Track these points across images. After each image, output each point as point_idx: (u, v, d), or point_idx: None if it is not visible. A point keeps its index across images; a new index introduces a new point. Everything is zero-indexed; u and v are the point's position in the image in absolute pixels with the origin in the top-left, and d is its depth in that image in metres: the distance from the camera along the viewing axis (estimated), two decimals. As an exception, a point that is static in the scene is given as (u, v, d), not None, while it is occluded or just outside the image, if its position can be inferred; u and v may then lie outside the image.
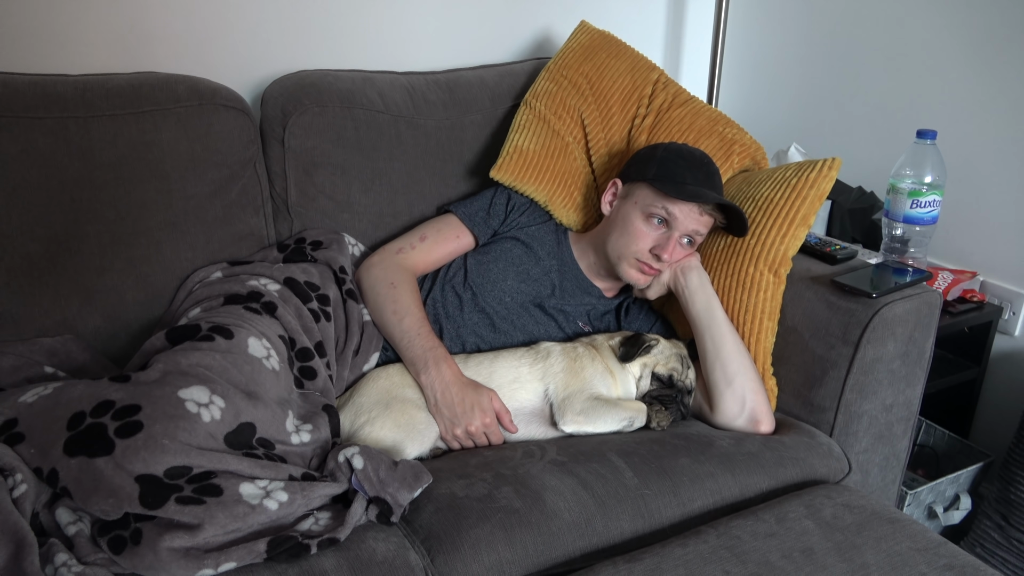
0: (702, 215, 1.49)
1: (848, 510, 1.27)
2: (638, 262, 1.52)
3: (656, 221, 1.50)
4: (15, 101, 1.40)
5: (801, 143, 2.11)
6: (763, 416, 1.47)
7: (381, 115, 1.68)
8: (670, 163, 1.51)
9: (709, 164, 1.54)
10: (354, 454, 1.19)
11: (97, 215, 1.45)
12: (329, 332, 1.46)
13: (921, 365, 1.56)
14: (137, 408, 1.10)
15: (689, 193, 1.46)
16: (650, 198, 1.50)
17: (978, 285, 1.93)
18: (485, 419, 1.38)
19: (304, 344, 1.39)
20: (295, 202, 1.64)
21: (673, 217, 1.48)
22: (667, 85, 1.82)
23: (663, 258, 1.49)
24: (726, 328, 1.49)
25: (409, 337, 1.46)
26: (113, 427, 1.08)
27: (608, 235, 1.57)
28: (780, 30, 2.29)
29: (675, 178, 1.48)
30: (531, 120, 1.75)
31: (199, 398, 1.14)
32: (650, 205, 1.49)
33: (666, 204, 1.48)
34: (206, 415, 1.13)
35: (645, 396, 1.49)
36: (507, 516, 1.21)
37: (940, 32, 1.93)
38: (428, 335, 1.46)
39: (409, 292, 1.52)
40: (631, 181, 1.56)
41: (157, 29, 1.68)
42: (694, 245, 1.54)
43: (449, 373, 1.41)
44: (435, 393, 1.40)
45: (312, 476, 1.19)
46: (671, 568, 1.14)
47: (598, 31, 1.86)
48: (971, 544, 1.81)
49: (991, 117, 1.87)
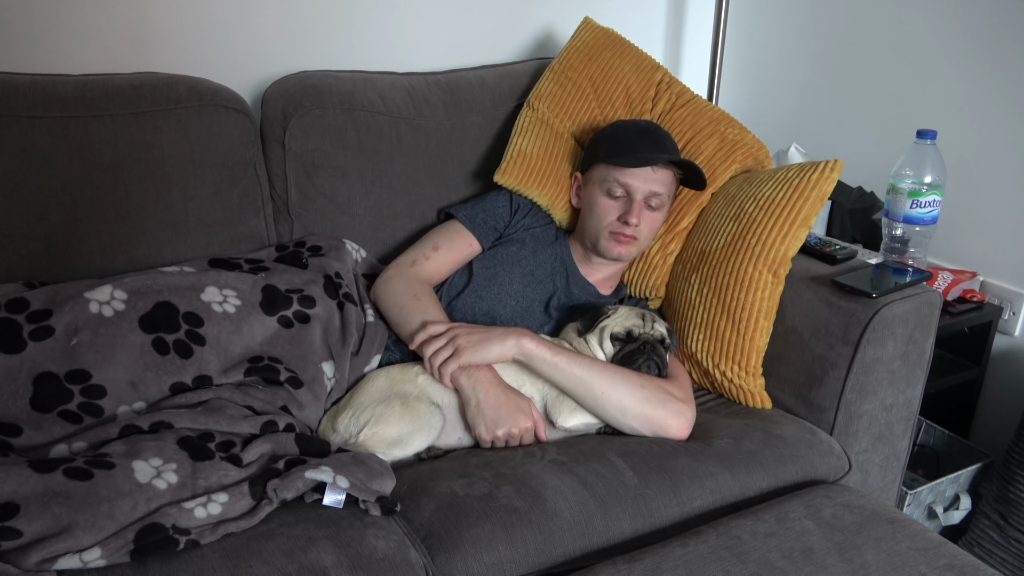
0: (655, 173, 1.55)
1: (848, 510, 1.27)
2: (612, 234, 1.57)
3: (617, 194, 1.56)
4: (15, 101, 1.40)
5: (801, 143, 2.11)
6: (669, 430, 1.42)
7: (381, 117, 1.68)
8: (617, 138, 1.60)
9: (655, 129, 1.62)
10: (335, 476, 1.18)
11: (97, 215, 1.45)
12: (308, 335, 1.44)
13: (921, 365, 1.56)
14: None
15: (639, 160, 1.54)
16: (604, 174, 1.58)
17: (978, 285, 1.93)
18: (527, 423, 1.39)
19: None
20: (295, 204, 1.65)
21: (629, 185, 1.55)
22: (671, 85, 1.83)
23: (631, 222, 1.54)
24: (586, 375, 1.41)
25: None
26: None
27: (584, 223, 1.64)
28: (780, 30, 2.30)
29: (624, 150, 1.56)
30: (533, 122, 1.75)
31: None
32: (605, 180, 1.57)
33: (618, 176, 1.55)
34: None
35: (614, 360, 1.47)
36: (508, 515, 1.21)
37: (940, 32, 1.93)
38: None
39: (433, 302, 1.53)
40: (588, 168, 1.64)
41: (157, 29, 1.68)
42: (662, 208, 1.59)
43: (490, 375, 1.42)
44: (477, 394, 1.39)
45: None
46: (671, 568, 1.14)
47: (602, 29, 1.86)
48: (969, 543, 1.81)
49: (991, 117, 1.87)
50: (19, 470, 1.07)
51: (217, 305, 1.37)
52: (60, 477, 1.08)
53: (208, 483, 1.17)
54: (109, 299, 1.31)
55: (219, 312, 1.37)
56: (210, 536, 1.11)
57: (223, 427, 1.26)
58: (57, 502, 1.06)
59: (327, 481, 1.18)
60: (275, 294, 1.44)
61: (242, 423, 1.28)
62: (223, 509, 1.14)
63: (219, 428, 1.26)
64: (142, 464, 1.14)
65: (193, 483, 1.16)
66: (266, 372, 1.37)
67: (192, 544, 1.10)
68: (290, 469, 1.19)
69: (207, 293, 1.38)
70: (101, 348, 1.26)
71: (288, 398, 1.36)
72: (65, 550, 1.04)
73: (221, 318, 1.37)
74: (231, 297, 1.39)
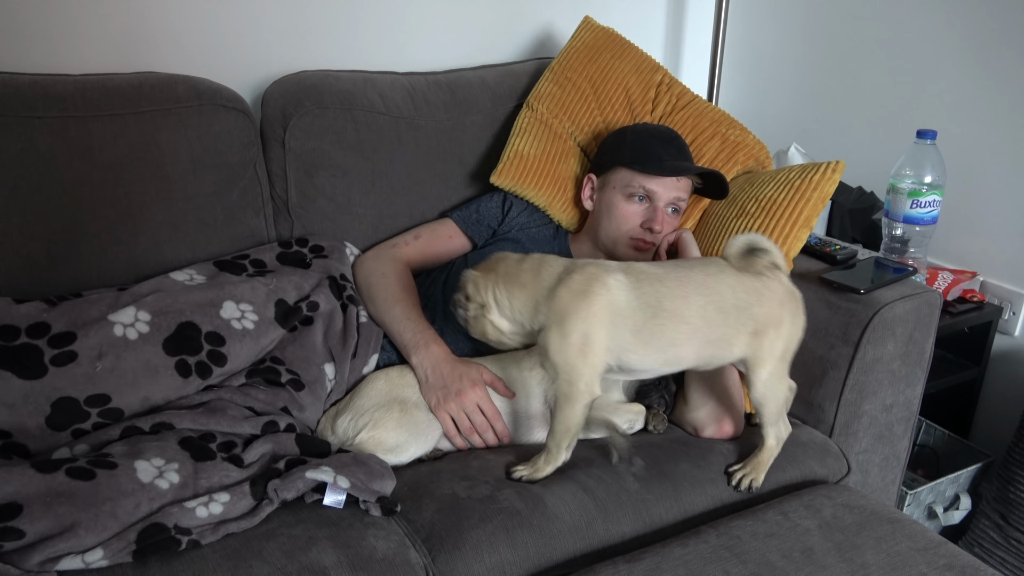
0: (679, 181, 1.55)
1: (848, 510, 1.27)
2: (632, 240, 1.56)
3: (638, 199, 1.55)
4: (15, 101, 1.40)
5: (801, 143, 2.11)
6: (730, 414, 1.45)
7: (382, 116, 1.68)
8: (641, 143, 1.57)
9: (677, 138, 1.61)
10: (335, 476, 1.18)
11: (97, 215, 1.45)
12: (311, 337, 1.45)
13: (921, 365, 1.56)
14: None
15: (668, 168, 1.53)
16: (628, 179, 1.55)
17: (978, 285, 1.93)
18: (476, 390, 1.38)
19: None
20: (295, 203, 1.64)
21: (653, 192, 1.54)
22: (671, 86, 1.82)
23: (655, 229, 1.53)
24: None
25: (400, 322, 1.48)
26: None
27: (598, 226, 1.62)
28: (780, 30, 2.29)
29: (650, 157, 1.54)
30: (532, 123, 1.75)
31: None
32: (628, 186, 1.55)
33: (644, 183, 1.54)
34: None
35: (629, 386, 1.48)
36: (509, 517, 1.21)
37: (940, 32, 1.93)
38: (418, 319, 1.48)
39: (399, 281, 1.54)
40: (606, 170, 1.62)
41: (157, 29, 1.67)
42: (680, 213, 1.58)
43: (439, 351, 1.43)
44: (426, 371, 1.41)
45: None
46: (671, 568, 1.14)
47: (602, 28, 1.86)
48: (969, 543, 1.81)
49: (991, 117, 1.87)
50: (22, 470, 1.07)
51: (236, 322, 1.37)
52: (63, 477, 1.08)
53: (210, 483, 1.17)
54: (133, 321, 1.30)
55: (239, 329, 1.37)
56: (211, 536, 1.11)
57: (224, 427, 1.26)
58: (60, 502, 1.06)
59: (328, 481, 1.18)
60: (287, 308, 1.45)
61: (243, 423, 1.28)
62: (224, 509, 1.14)
63: (220, 429, 1.26)
64: (144, 464, 1.14)
65: (195, 483, 1.16)
66: (267, 373, 1.38)
67: (193, 544, 1.10)
68: (291, 469, 1.20)
69: (225, 309, 1.38)
70: (124, 373, 1.25)
71: (289, 399, 1.36)
72: (68, 550, 1.04)
73: (241, 335, 1.37)
74: (248, 312, 1.39)
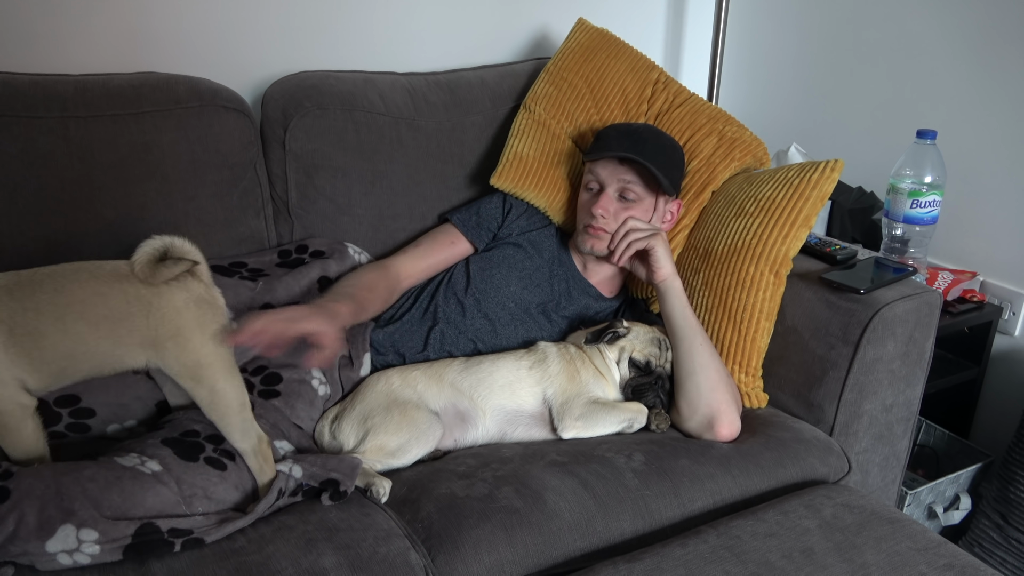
0: (621, 165, 1.54)
1: (848, 510, 1.27)
2: (585, 227, 1.58)
3: (592, 188, 1.58)
4: (15, 101, 1.40)
5: (801, 143, 2.11)
6: (722, 420, 1.44)
7: (382, 117, 1.68)
8: (602, 138, 1.60)
9: (640, 130, 1.60)
10: (292, 466, 1.20)
11: (97, 215, 1.45)
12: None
13: (921, 365, 1.56)
14: None
15: (610, 152, 1.54)
16: (586, 171, 1.60)
17: (978, 285, 1.93)
18: (318, 320, 1.25)
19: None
20: (296, 204, 1.65)
21: (599, 176, 1.56)
22: (667, 85, 1.83)
23: (594, 212, 1.54)
24: (701, 335, 1.48)
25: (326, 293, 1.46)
26: None
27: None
28: (780, 30, 2.30)
29: (600, 147, 1.57)
30: (530, 125, 1.75)
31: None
32: (586, 176, 1.60)
33: (592, 168, 1.57)
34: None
35: (625, 386, 1.48)
36: (508, 516, 1.21)
37: (940, 32, 1.93)
38: (335, 294, 1.44)
39: (356, 274, 1.54)
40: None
41: (157, 29, 1.68)
42: (640, 203, 1.55)
43: (335, 306, 1.35)
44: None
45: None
46: (671, 568, 1.14)
47: (596, 29, 1.86)
48: (969, 543, 1.81)
49: (991, 117, 1.87)
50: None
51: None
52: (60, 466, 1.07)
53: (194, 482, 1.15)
54: None
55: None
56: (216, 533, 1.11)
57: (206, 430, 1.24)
58: (58, 485, 1.04)
59: (283, 471, 1.18)
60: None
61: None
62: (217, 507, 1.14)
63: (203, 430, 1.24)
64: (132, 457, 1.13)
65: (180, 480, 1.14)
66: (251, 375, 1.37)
67: (195, 543, 1.09)
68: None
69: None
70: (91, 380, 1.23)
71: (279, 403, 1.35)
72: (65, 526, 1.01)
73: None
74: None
